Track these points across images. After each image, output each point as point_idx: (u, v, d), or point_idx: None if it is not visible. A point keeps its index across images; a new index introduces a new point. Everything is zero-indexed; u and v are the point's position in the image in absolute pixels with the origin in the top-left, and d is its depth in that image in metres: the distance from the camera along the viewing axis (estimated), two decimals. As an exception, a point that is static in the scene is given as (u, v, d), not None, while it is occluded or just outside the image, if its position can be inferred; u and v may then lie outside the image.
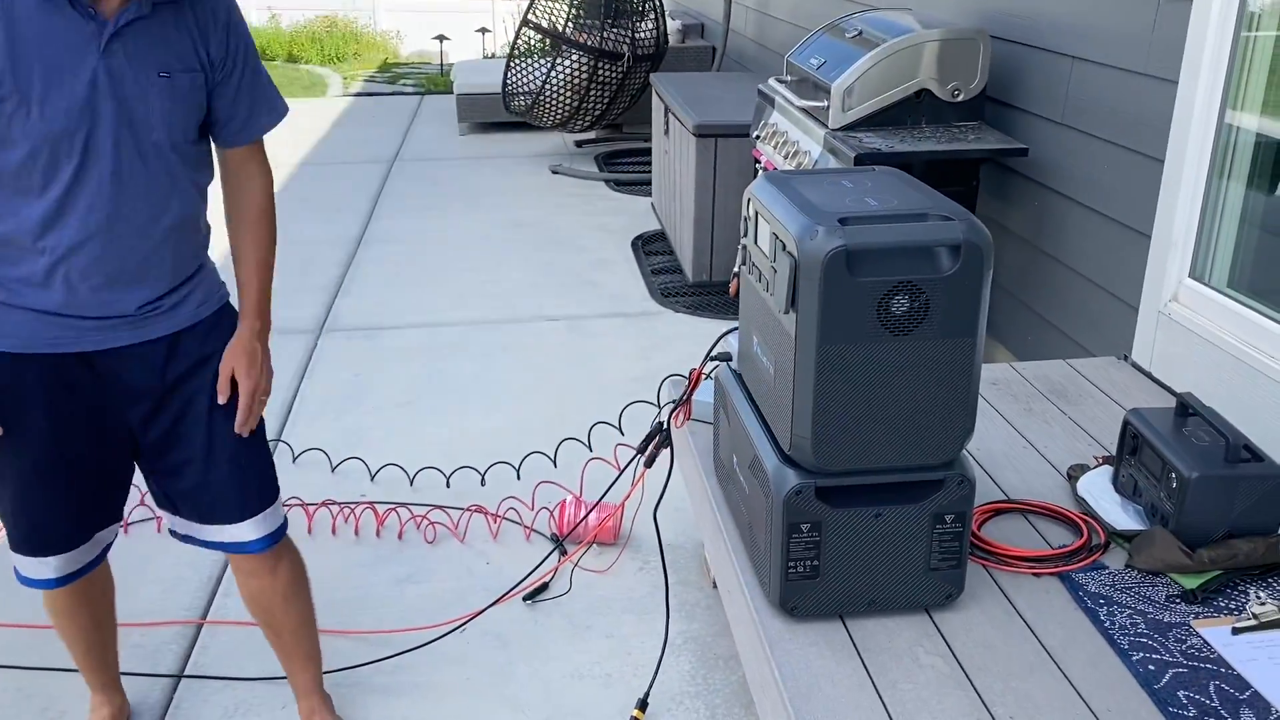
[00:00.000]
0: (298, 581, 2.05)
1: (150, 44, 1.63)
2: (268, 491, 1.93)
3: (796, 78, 3.57)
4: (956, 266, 1.49)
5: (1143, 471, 1.93)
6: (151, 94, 1.64)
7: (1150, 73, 2.57)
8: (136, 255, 1.71)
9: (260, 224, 1.89)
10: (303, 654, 2.13)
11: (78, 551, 1.89)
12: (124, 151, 1.64)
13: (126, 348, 1.77)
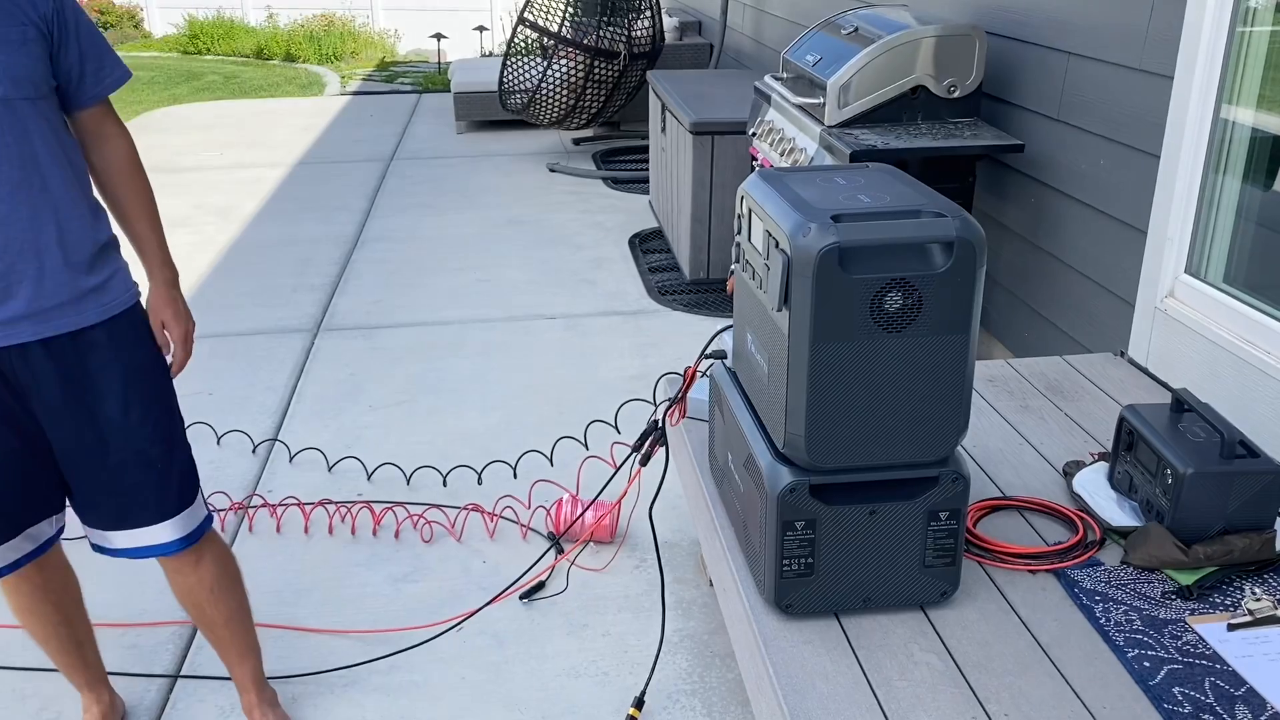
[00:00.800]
0: (224, 575, 2.03)
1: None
2: (186, 492, 1.91)
3: (793, 75, 3.56)
4: (949, 263, 1.49)
5: (1138, 468, 1.92)
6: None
7: (1146, 68, 2.56)
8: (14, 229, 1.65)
9: (134, 177, 1.85)
10: (238, 647, 2.12)
11: (4, 547, 1.85)
12: None
13: (29, 346, 1.71)
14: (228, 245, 5.37)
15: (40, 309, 1.70)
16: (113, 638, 2.46)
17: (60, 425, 1.78)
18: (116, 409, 1.79)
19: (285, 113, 8.89)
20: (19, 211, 1.65)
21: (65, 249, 1.71)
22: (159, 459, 1.85)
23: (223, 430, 3.40)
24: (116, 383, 1.79)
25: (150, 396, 1.83)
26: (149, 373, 1.84)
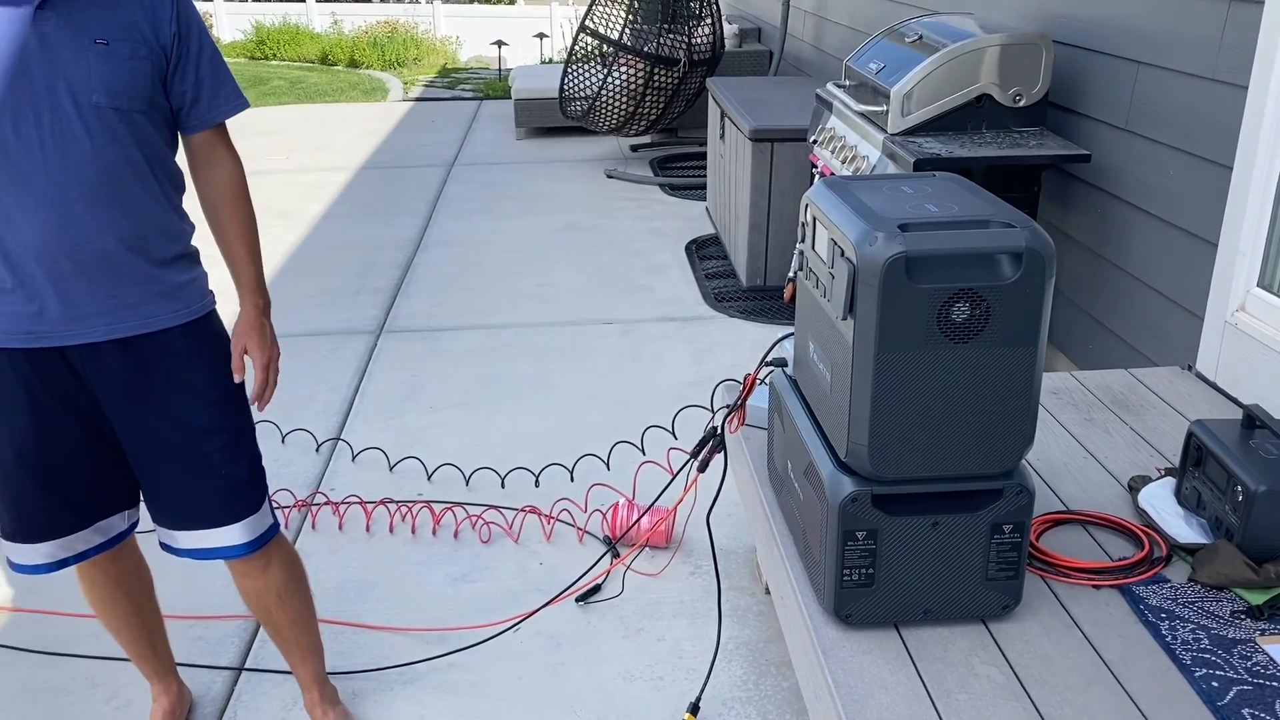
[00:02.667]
0: (290, 580, 2.07)
1: (86, 14, 1.64)
2: (254, 497, 1.93)
3: (855, 82, 3.55)
4: (1018, 274, 1.48)
5: (1207, 484, 1.89)
6: (88, 60, 1.64)
7: (1219, 78, 2.52)
8: (96, 229, 1.69)
9: (238, 203, 1.89)
10: (301, 649, 2.15)
11: (72, 539, 1.90)
12: (63, 116, 1.63)
13: (100, 345, 1.76)
14: (293, 248, 5.48)
15: (111, 309, 1.75)
16: (179, 629, 2.52)
17: (128, 425, 1.83)
18: (185, 413, 1.83)
19: (349, 118, 9.04)
20: (96, 214, 1.69)
21: (141, 253, 1.75)
22: (225, 464, 1.88)
23: (287, 429, 3.47)
24: (185, 387, 1.83)
25: (218, 402, 1.87)
26: (218, 379, 1.88)
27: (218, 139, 1.86)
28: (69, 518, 1.88)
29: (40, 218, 1.65)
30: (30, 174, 1.64)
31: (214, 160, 1.87)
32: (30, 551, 1.89)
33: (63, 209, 1.66)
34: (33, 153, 1.63)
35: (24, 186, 1.64)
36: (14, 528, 1.88)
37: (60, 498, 1.86)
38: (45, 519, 1.87)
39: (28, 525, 1.87)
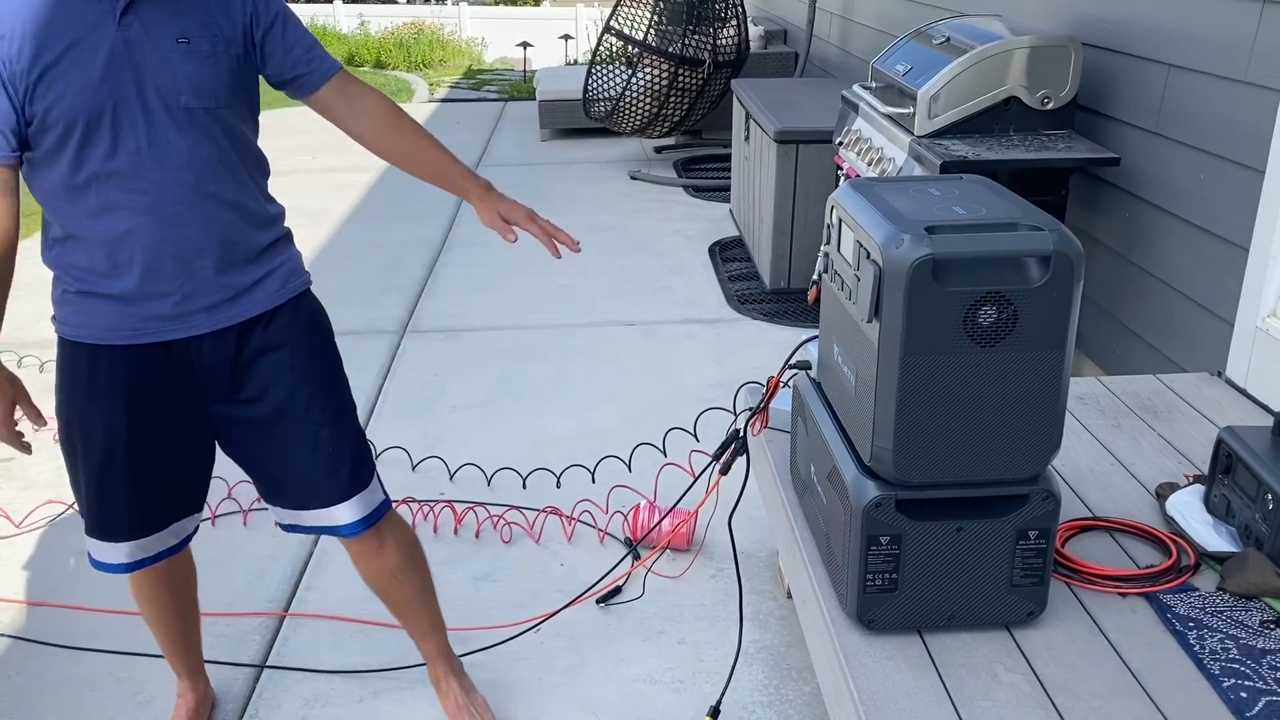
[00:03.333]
0: (406, 560, 2.08)
1: (166, 14, 1.66)
2: (361, 474, 1.95)
3: (881, 84, 3.53)
4: (1046, 277, 1.46)
5: (1237, 491, 1.87)
6: (173, 62, 1.66)
7: (1251, 80, 2.49)
8: (193, 228, 1.72)
9: (399, 120, 1.90)
10: (421, 626, 2.17)
11: (150, 539, 1.92)
12: (154, 120, 1.66)
13: (203, 337, 1.79)
14: (319, 247, 5.51)
15: (214, 301, 1.78)
16: (202, 626, 2.53)
17: (229, 411, 1.86)
18: (284, 393, 1.85)
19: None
20: (193, 213, 1.72)
21: (239, 243, 1.79)
22: (329, 441, 1.89)
23: (310, 427, 3.48)
24: (284, 368, 1.85)
25: (317, 380, 1.88)
26: (316, 358, 1.90)
27: (344, 82, 1.86)
28: (150, 518, 1.91)
29: (143, 220, 1.69)
30: (132, 179, 1.67)
31: (353, 98, 1.87)
32: (110, 550, 1.92)
33: (164, 210, 1.70)
34: (132, 158, 1.66)
35: (127, 191, 1.68)
36: (98, 525, 1.90)
37: (145, 498, 1.88)
38: (129, 519, 1.89)
39: (111, 524, 1.89)
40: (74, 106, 1.62)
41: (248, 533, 2.92)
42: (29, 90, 1.61)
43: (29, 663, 2.43)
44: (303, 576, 2.73)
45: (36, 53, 1.60)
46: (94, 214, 1.68)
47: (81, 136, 1.64)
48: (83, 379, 1.79)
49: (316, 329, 1.92)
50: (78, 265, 1.74)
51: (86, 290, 1.75)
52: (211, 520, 2.96)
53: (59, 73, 1.61)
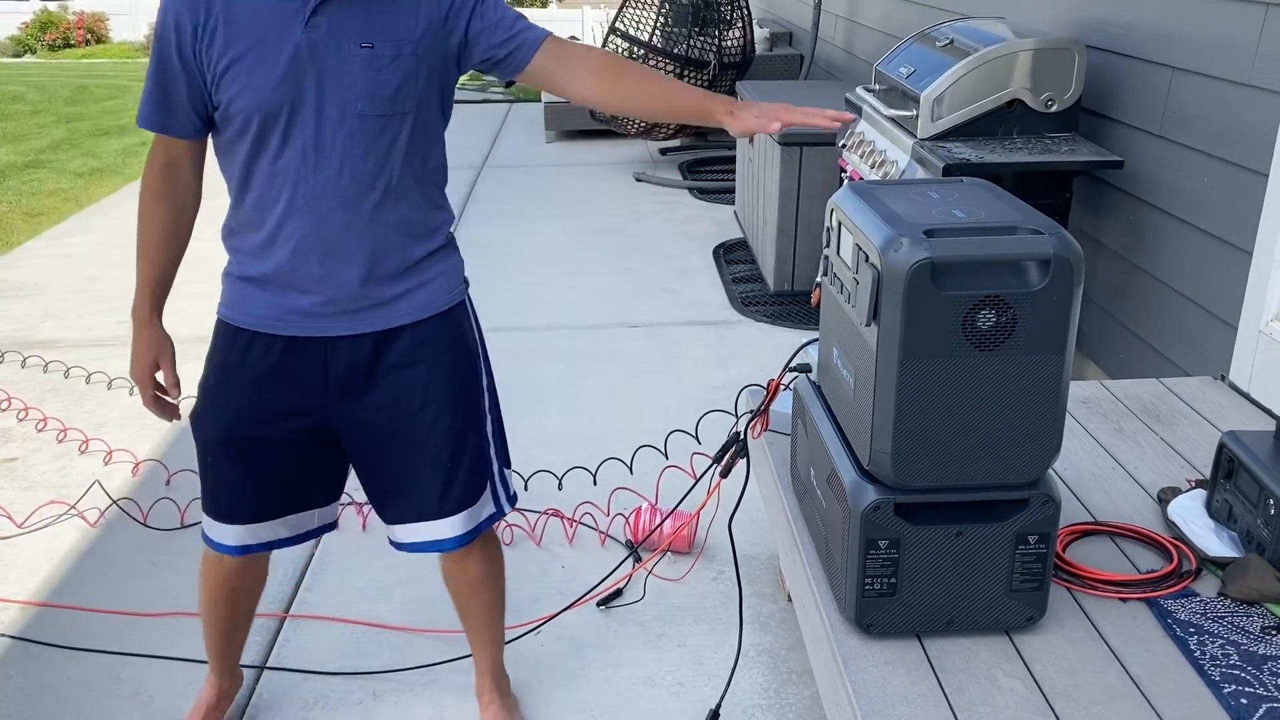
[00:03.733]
0: (486, 574, 2.08)
1: (352, 17, 1.66)
2: (472, 491, 1.94)
3: (885, 86, 3.53)
4: (1046, 281, 1.46)
5: (1239, 496, 1.86)
6: (354, 66, 1.66)
7: (1255, 84, 2.48)
8: (348, 233, 1.73)
9: (623, 67, 1.82)
10: (484, 639, 2.17)
11: (260, 526, 1.93)
12: (326, 123, 1.67)
13: (341, 339, 1.80)
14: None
15: (366, 305, 1.78)
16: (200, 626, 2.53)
17: (355, 413, 1.85)
18: (414, 408, 1.85)
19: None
20: (349, 219, 1.73)
21: (397, 252, 1.78)
22: (448, 459, 1.89)
23: (313, 428, 3.48)
24: (419, 383, 1.84)
25: (449, 399, 1.87)
26: (453, 375, 1.88)
27: (557, 46, 1.81)
28: (260, 506, 1.91)
29: (299, 218, 1.71)
30: (297, 179, 1.69)
31: (570, 60, 1.80)
32: (222, 530, 1.93)
33: (320, 212, 1.71)
34: (298, 158, 1.68)
35: (291, 190, 1.70)
36: (211, 504, 1.93)
37: (255, 485, 1.89)
38: (240, 502, 1.90)
39: (223, 505, 1.91)
40: (253, 102, 1.65)
41: (249, 534, 2.92)
42: (217, 78, 1.66)
43: (29, 663, 2.43)
44: (303, 578, 2.73)
45: (226, 45, 1.64)
46: (258, 205, 1.73)
47: (257, 131, 1.67)
48: (219, 358, 1.84)
49: (460, 344, 1.90)
50: (238, 249, 1.79)
51: (241, 274, 1.80)
52: (213, 521, 2.96)
53: (244, 67, 1.64)
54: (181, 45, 1.66)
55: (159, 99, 1.71)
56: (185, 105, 1.71)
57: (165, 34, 1.67)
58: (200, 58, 1.66)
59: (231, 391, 1.83)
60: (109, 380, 3.91)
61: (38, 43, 16.30)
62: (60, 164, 7.67)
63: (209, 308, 4.71)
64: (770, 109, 1.73)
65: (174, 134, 1.74)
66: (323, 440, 1.89)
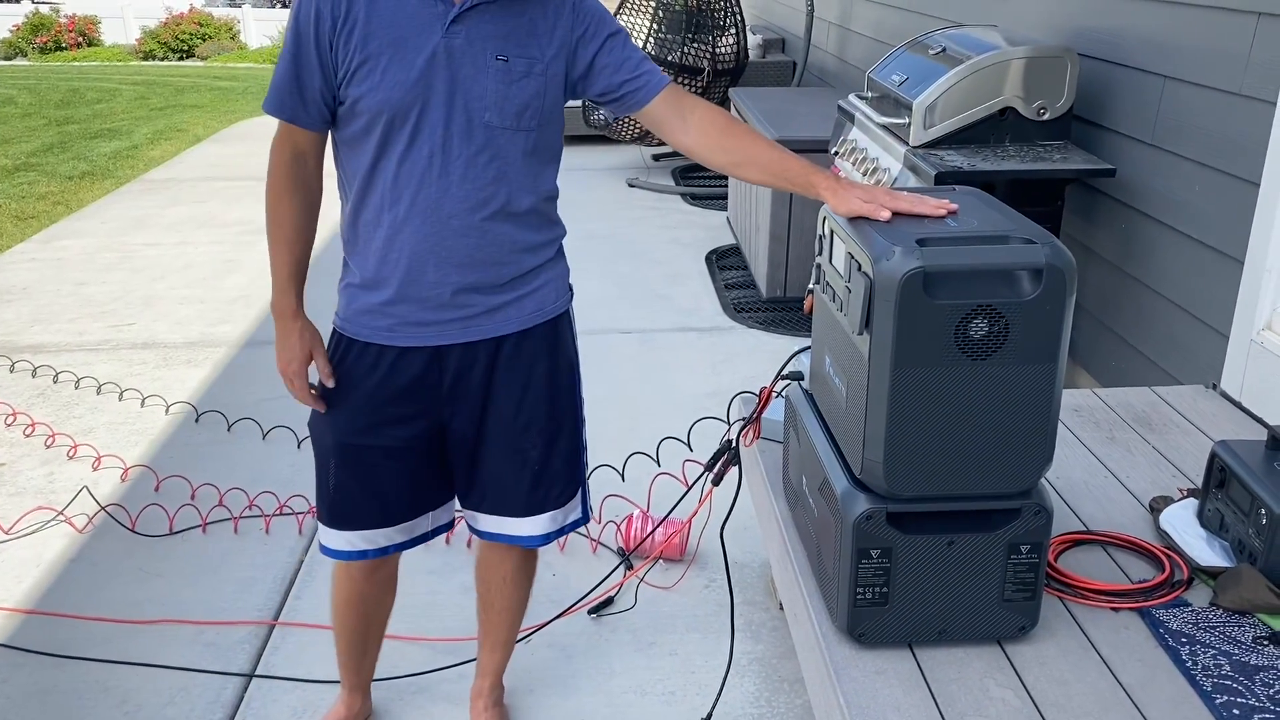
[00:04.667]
0: (520, 570, 2.10)
1: (492, 29, 1.68)
2: (562, 493, 1.97)
3: (877, 94, 3.53)
4: (1038, 291, 1.45)
5: (1230, 506, 1.85)
6: (487, 76, 1.68)
7: (1247, 93, 2.48)
8: (465, 241, 1.74)
9: (734, 128, 1.81)
10: (496, 637, 2.17)
11: (376, 533, 1.93)
12: (454, 130, 1.69)
13: (452, 347, 1.81)
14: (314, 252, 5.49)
15: (477, 314, 1.80)
16: (190, 634, 2.52)
17: (459, 414, 1.87)
18: (510, 408, 1.87)
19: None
20: (465, 227, 1.74)
21: (509, 262, 1.80)
22: (537, 460, 1.92)
23: (304, 435, 3.47)
24: (517, 385, 1.87)
25: (543, 401, 1.90)
26: (551, 381, 1.91)
27: (676, 95, 1.82)
28: (375, 512, 1.92)
29: (417, 223, 1.72)
30: (417, 185, 1.70)
31: (686, 110, 1.81)
32: (335, 537, 1.94)
33: (439, 218, 1.72)
34: (423, 162, 1.69)
35: (409, 195, 1.71)
36: (327, 512, 1.93)
37: (370, 492, 1.90)
38: (353, 509, 1.91)
39: (338, 512, 1.92)
40: (384, 100, 1.66)
41: (238, 540, 2.91)
42: (350, 74, 1.66)
43: (16, 671, 2.41)
44: (293, 585, 2.72)
45: (365, 40, 1.65)
46: (378, 208, 1.73)
47: (384, 131, 1.68)
48: (336, 369, 1.85)
49: (560, 351, 1.92)
50: (356, 256, 1.80)
51: (356, 283, 1.81)
52: (202, 528, 2.95)
53: (380, 65, 1.65)
54: (320, 37, 1.66)
55: (293, 89, 1.71)
56: (317, 97, 1.71)
57: (304, 24, 1.67)
58: (336, 51, 1.66)
59: (347, 402, 1.85)
60: (98, 385, 3.89)
61: (29, 45, 16.25)
62: (51, 167, 7.64)
63: (199, 313, 4.72)
64: (875, 193, 1.68)
65: (303, 124, 1.74)
66: (433, 443, 1.91)
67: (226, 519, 2.99)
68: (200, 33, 15.73)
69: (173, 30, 15.65)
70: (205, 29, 15.82)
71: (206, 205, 6.50)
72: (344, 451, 1.86)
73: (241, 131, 9.04)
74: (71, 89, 11.81)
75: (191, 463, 3.32)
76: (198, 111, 10.18)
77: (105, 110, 10.28)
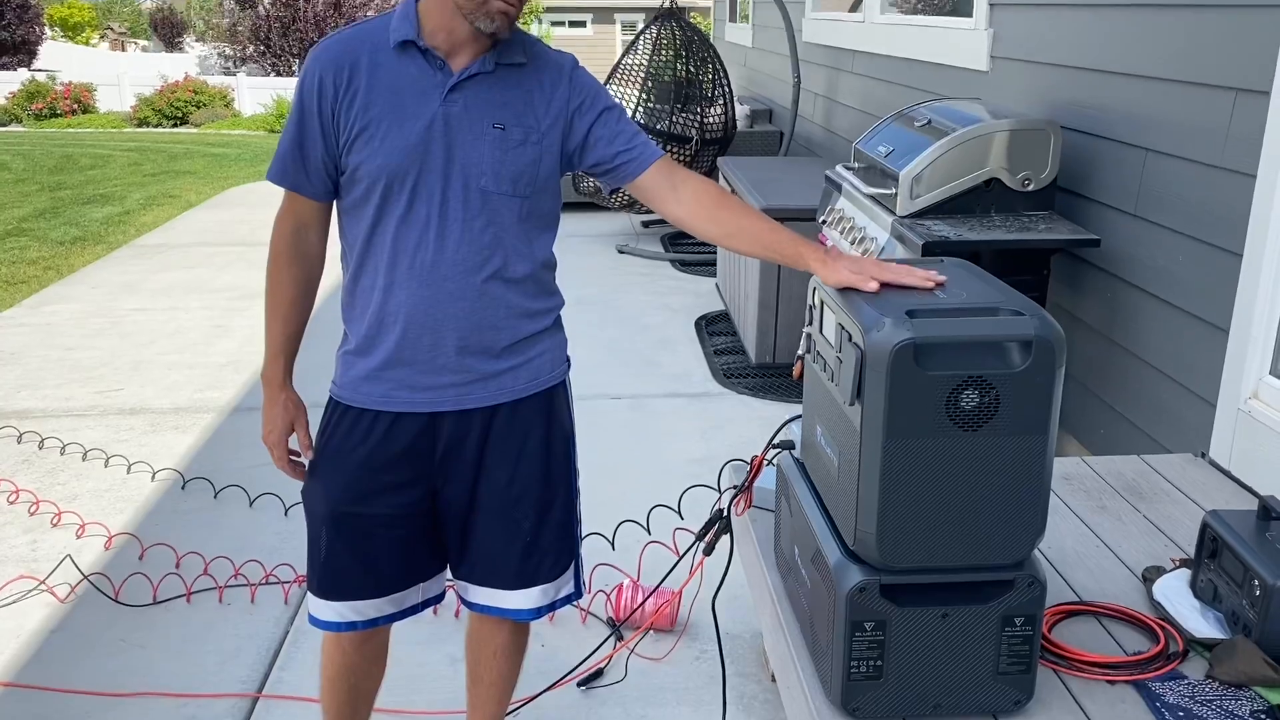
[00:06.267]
0: (511, 646, 2.07)
1: (489, 98, 1.72)
2: (554, 566, 1.95)
3: (864, 165, 3.58)
4: (1028, 362, 1.46)
5: (1223, 576, 1.85)
6: (484, 144, 1.71)
7: (1227, 166, 2.53)
8: (461, 304, 1.75)
9: (725, 200, 1.82)
10: (486, 711, 2.14)
11: (366, 604, 1.91)
12: (450, 195, 1.71)
13: (445, 414, 1.81)
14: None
15: (458, 383, 1.80)
16: (171, 708, 2.47)
17: (452, 483, 1.86)
18: (503, 478, 1.86)
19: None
20: (462, 291, 1.75)
21: (495, 333, 1.80)
22: (529, 532, 1.90)
23: (291, 502, 3.44)
24: (511, 455, 1.86)
25: (537, 471, 1.89)
26: (546, 451, 1.90)
27: (668, 167, 1.84)
28: (366, 583, 1.89)
29: (414, 287, 1.73)
30: (415, 249, 1.72)
31: (678, 181, 1.83)
32: (325, 608, 1.91)
33: (435, 282, 1.73)
34: (418, 228, 1.72)
35: (406, 259, 1.73)
36: (317, 582, 1.90)
37: (362, 562, 1.87)
38: (344, 579, 1.89)
39: (328, 582, 1.89)
40: (382, 165, 1.69)
41: (222, 610, 2.86)
42: (350, 140, 1.70)
43: (-9, 746, 2.36)
44: (277, 656, 2.67)
45: (365, 108, 1.68)
46: (375, 272, 1.75)
47: (382, 195, 1.71)
48: (330, 436, 1.84)
49: (555, 422, 1.91)
50: (353, 323, 1.82)
51: (352, 350, 1.82)
52: (186, 597, 2.91)
53: (380, 131, 1.68)
54: (323, 105, 1.71)
55: (296, 157, 1.75)
56: (319, 166, 1.75)
57: (308, 94, 1.71)
58: (338, 118, 1.70)
59: (341, 469, 1.84)
60: (84, 451, 3.86)
61: (24, 112, 16.40)
62: (42, 232, 7.67)
63: (187, 378, 4.70)
64: (864, 264, 1.68)
65: (306, 194, 1.77)
66: (426, 513, 1.89)
67: (211, 588, 2.95)
68: (195, 100, 15.91)
69: (168, 97, 15.84)
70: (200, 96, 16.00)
71: (197, 271, 6.51)
72: (336, 520, 1.85)
73: (234, 198, 9.10)
74: (65, 155, 11.90)
75: (177, 530, 3.28)
76: (190, 178, 10.26)
77: (98, 176, 10.36)
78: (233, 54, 23.37)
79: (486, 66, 1.72)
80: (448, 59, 1.71)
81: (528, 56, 1.77)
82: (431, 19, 1.70)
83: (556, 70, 1.79)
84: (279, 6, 21.96)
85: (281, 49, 22.15)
